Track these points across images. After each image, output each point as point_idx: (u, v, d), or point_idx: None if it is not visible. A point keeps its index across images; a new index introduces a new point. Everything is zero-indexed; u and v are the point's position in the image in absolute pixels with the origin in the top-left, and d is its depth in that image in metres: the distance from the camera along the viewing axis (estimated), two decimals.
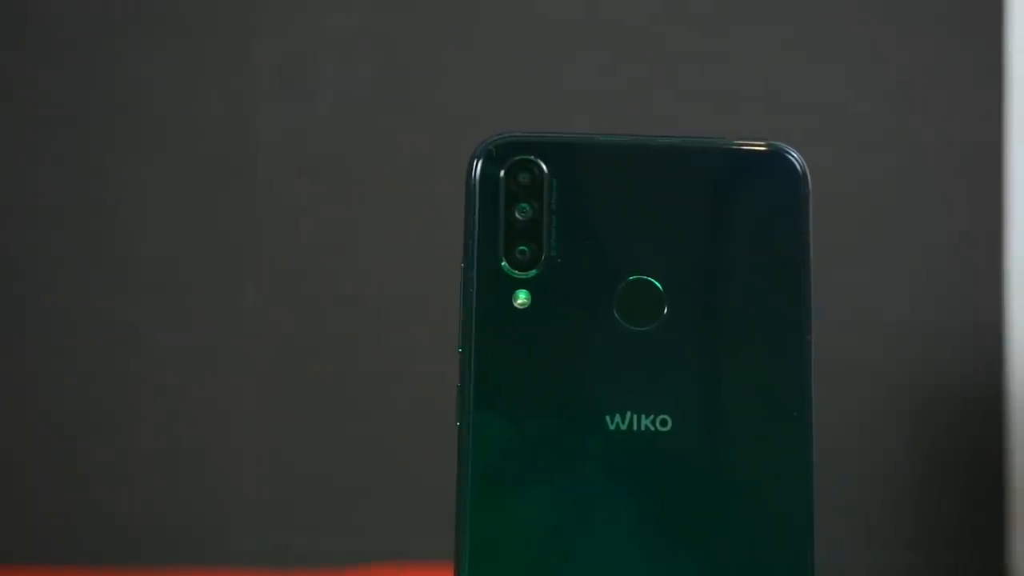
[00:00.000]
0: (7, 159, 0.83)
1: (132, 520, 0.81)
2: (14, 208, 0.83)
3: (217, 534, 0.81)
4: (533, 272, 0.35)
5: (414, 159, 0.83)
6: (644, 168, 0.36)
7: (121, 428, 0.82)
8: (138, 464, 0.81)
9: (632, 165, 0.36)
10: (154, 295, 0.82)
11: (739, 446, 0.35)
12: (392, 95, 0.84)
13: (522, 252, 0.35)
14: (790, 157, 0.36)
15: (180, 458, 0.82)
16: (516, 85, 0.84)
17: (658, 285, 0.35)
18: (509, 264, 0.35)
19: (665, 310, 0.35)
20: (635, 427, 0.34)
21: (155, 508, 0.81)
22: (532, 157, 0.35)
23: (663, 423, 0.35)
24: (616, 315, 0.35)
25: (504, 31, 0.85)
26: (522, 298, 0.35)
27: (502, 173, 0.35)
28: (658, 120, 0.83)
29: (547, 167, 0.35)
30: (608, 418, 0.35)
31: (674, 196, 0.36)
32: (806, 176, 0.36)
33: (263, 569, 0.78)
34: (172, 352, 0.82)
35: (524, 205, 0.35)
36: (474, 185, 0.35)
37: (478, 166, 0.35)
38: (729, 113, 0.84)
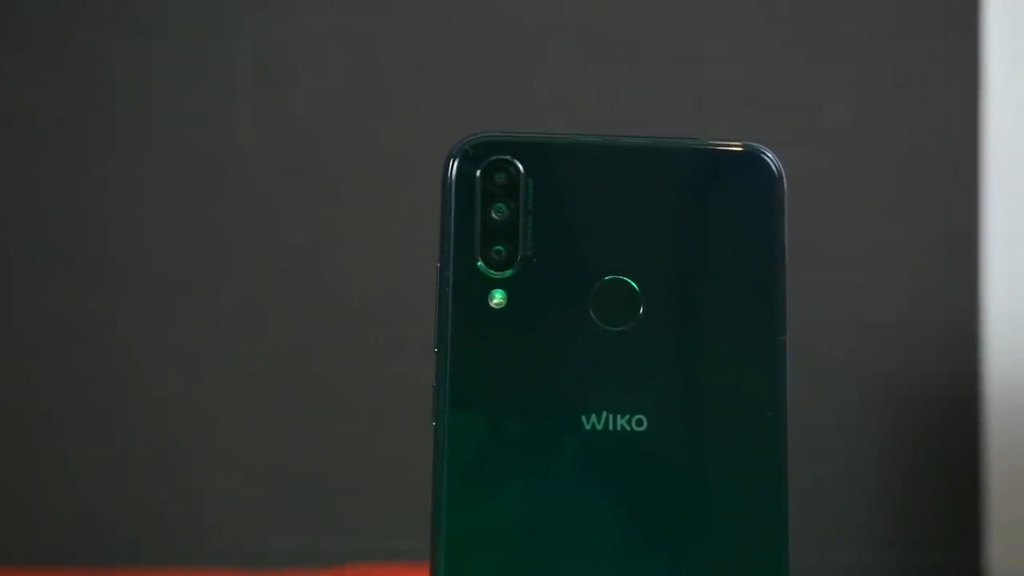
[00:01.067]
0: None
1: (113, 520, 0.81)
2: None
3: (197, 534, 0.81)
4: (509, 272, 0.35)
5: (392, 159, 0.83)
6: (620, 168, 0.36)
7: (102, 428, 0.81)
8: (119, 464, 0.81)
9: (608, 165, 0.36)
10: (134, 295, 0.82)
11: (714, 446, 0.35)
12: (369, 95, 0.84)
13: (498, 252, 0.35)
14: (765, 158, 0.36)
15: (161, 458, 0.81)
16: (491, 85, 0.84)
17: (634, 285, 0.35)
18: (485, 264, 0.35)
19: (641, 310, 0.35)
20: (611, 427, 0.34)
21: (134, 508, 0.81)
22: (508, 157, 0.35)
23: (639, 423, 0.35)
24: (592, 315, 0.35)
25: (479, 31, 0.85)
26: (498, 298, 0.35)
27: (478, 173, 0.35)
28: (634, 120, 0.83)
29: (523, 167, 0.35)
30: (584, 418, 0.34)
31: (650, 196, 0.36)
32: (781, 177, 0.36)
33: (243, 570, 0.78)
34: (153, 352, 0.82)
35: (500, 205, 0.35)
36: (450, 185, 0.35)
37: (454, 166, 0.35)
38: (704, 113, 0.84)
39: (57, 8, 0.83)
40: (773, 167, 0.36)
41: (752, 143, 0.36)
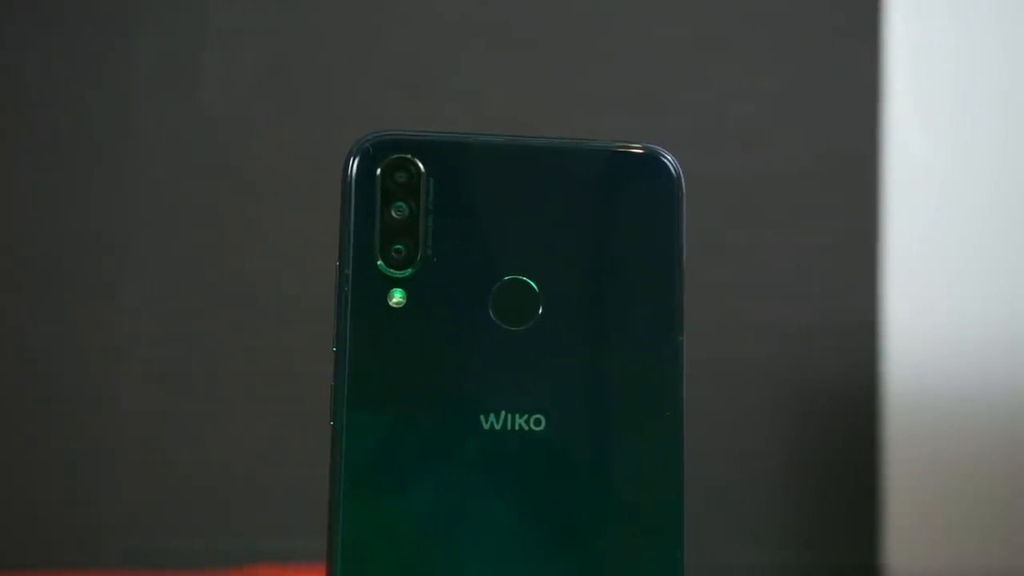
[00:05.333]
0: None
1: (10, 520, 0.79)
2: None
3: (96, 535, 0.80)
4: (409, 271, 0.35)
5: (298, 156, 0.82)
6: (521, 168, 0.36)
7: None
8: (16, 464, 0.80)
9: (509, 165, 0.36)
10: (33, 293, 0.80)
11: (612, 445, 0.35)
12: (277, 91, 0.83)
13: (398, 251, 0.35)
14: (664, 159, 0.36)
15: (59, 459, 0.80)
16: (401, 83, 0.83)
17: (533, 285, 0.35)
18: (385, 263, 0.35)
19: (540, 310, 0.35)
20: (509, 426, 0.35)
21: (31, 509, 0.80)
22: (409, 156, 0.35)
23: (537, 422, 0.35)
24: (491, 315, 0.35)
25: (390, 29, 0.84)
26: (397, 297, 0.35)
27: (378, 171, 0.35)
28: (541, 120, 0.84)
29: (424, 166, 0.35)
30: (482, 417, 0.35)
31: (550, 197, 0.36)
32: (680, 178, 0.36)
33: (140, 570, 0.77)
34: (51, 352, 0.80)
35: (400, 204, 0.35)
36: (350, 183, 0.35)
37: (354, 164, 0.35)
38: (610, 114, 0.85)
39: None
40: (672, 169, 0.36)
41: (652, 145, 0.36)
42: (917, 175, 0.89)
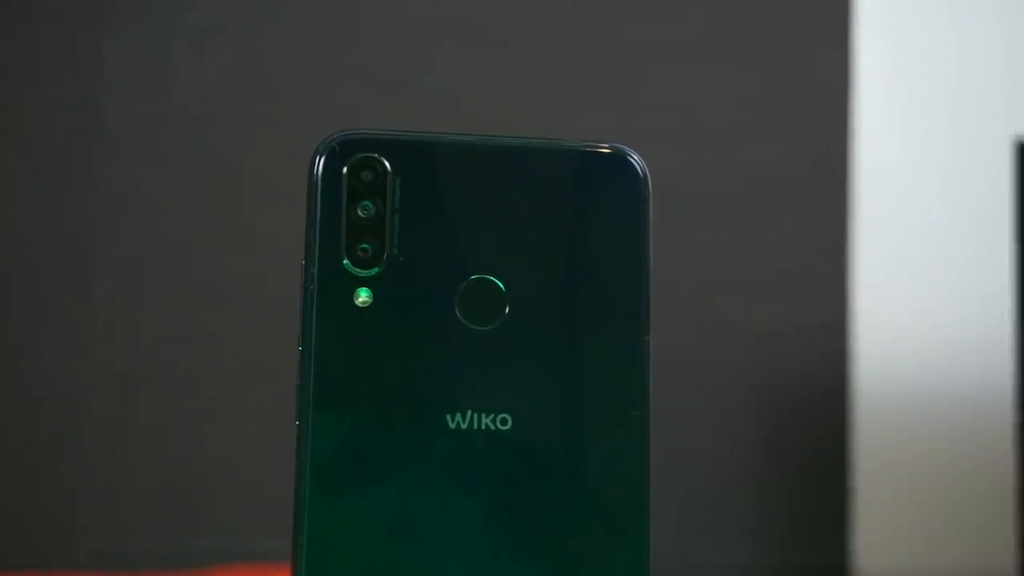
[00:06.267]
0: None
1: None
2: None
3: (67, 535, 0.80)
4: (375, 270, 0.35)
5: (269, 155, 0.82)
6: (488, 168, 0.36)
7: None
8: None
9: (476, 165, 0.36)
10: (2, 291, 0.80)
11: (577, 445, 0.35)
12: (248, 90, 0.83)
13: (364, 250, 0.35)
14: (631, 159, 0.36)
15: (30, 458, 0.79)
16: (372, 82, 0.83)
17: (500, 285, 0.35)
18: (351, 262, 0.35)
19: (507, 310, 0.35)
20: (475, 426, 0.34)
21: (1, 509, 0.79)
22: (375, 155, 0.35)
23: (503, 422, 0.35)
24: (458, 314, 0.35)
25: (361, 28, 0.84)
26: (363, 296, 0.35)
27: (344, 170, 0.35)
28: (511, 119, 0.84)
29: (390, 165, 0.35)
30: (448, 417, 0.34)
31: (517, 196, 0.36)
32: (647, 178, 0.36)
33: (110, 571, 0.77)
34: (22, 349, 0.80)
35: (366, 203, 0.35)
36: (316, 182, 0.35)
37: (320, 163, 0.35)
38: (583, 115, 0.85)
39: None
40: (638, 169, 0.36)
41: (619, 145, 0.36)
42: (888, 177, 0.89)
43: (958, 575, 0.87)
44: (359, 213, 0.35)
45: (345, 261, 0.35)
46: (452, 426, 0.34)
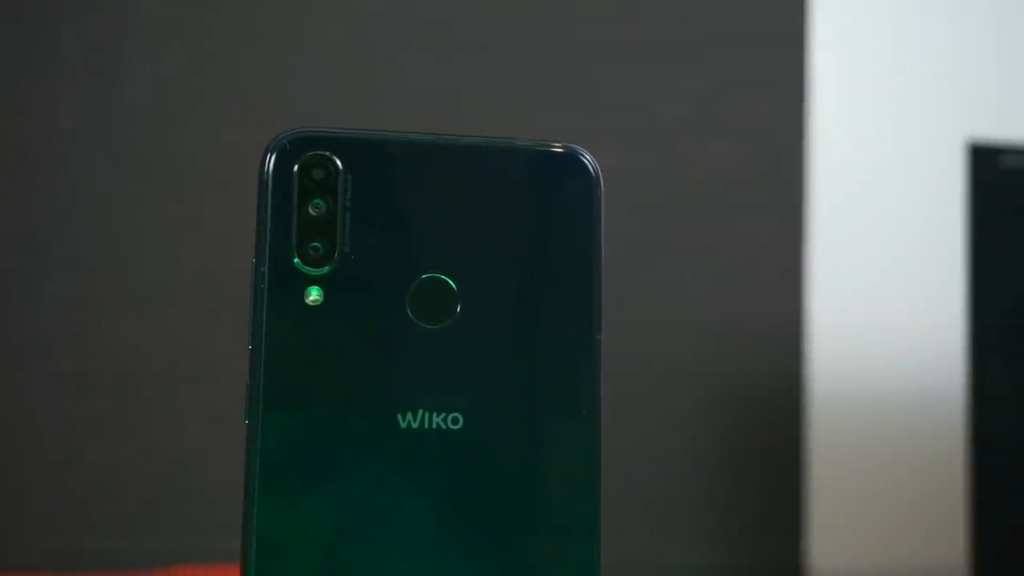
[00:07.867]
0: None
1: None
2: None
3: (17, 535, 0.79)
4: (326, 269, 0.35)
5: (222, 152, 0.81)
6: (440, 167, 0.36)
7: None
8: None
9: (428, 164, 0.36)
10: None
11: (528, 444, 0.35)
12: (205, 86, 0.82)
13: (315, 248, 0.35)
14: (583, 159, 0.36)
15: None
16: (329, 81, 0.83)
17: (451, 284, 0.35)
18: (301, 260, 0.35)
19: (458, 309, 0.35)
20: (426, 425, 0.34)
21: None
22: (327, 153, 0.35)
23: (454, 421, 0.35)
24: (409, 313, 0.35)
25: (320, 25, 0.84)
26: (314, 295, 0.35)
27: (295, 168, 0.35)
28: (467, 119, 0.84)
29: (342, 163, 0.35)
30: (400, 416, 0.34)
31: (469, 195, 0.36)
32: (599, 178, 0.36)
33: (60, 572, 0.76)
34: None
35: (318, 201, 0.35)
36: (267, 180, 0.35)
37: (271, 160, 0.35)
38: (537, 114, 0.85)
39: None
40: (591, 168, 0.36)
41: (571, 144, 0.36)
42: (842, 177, 0.90)
43: (910, 574, 0.88)
44: (310, 211, 0.35)
45: (296, 260, 0.35)
46: (403, 425, 0.34)
